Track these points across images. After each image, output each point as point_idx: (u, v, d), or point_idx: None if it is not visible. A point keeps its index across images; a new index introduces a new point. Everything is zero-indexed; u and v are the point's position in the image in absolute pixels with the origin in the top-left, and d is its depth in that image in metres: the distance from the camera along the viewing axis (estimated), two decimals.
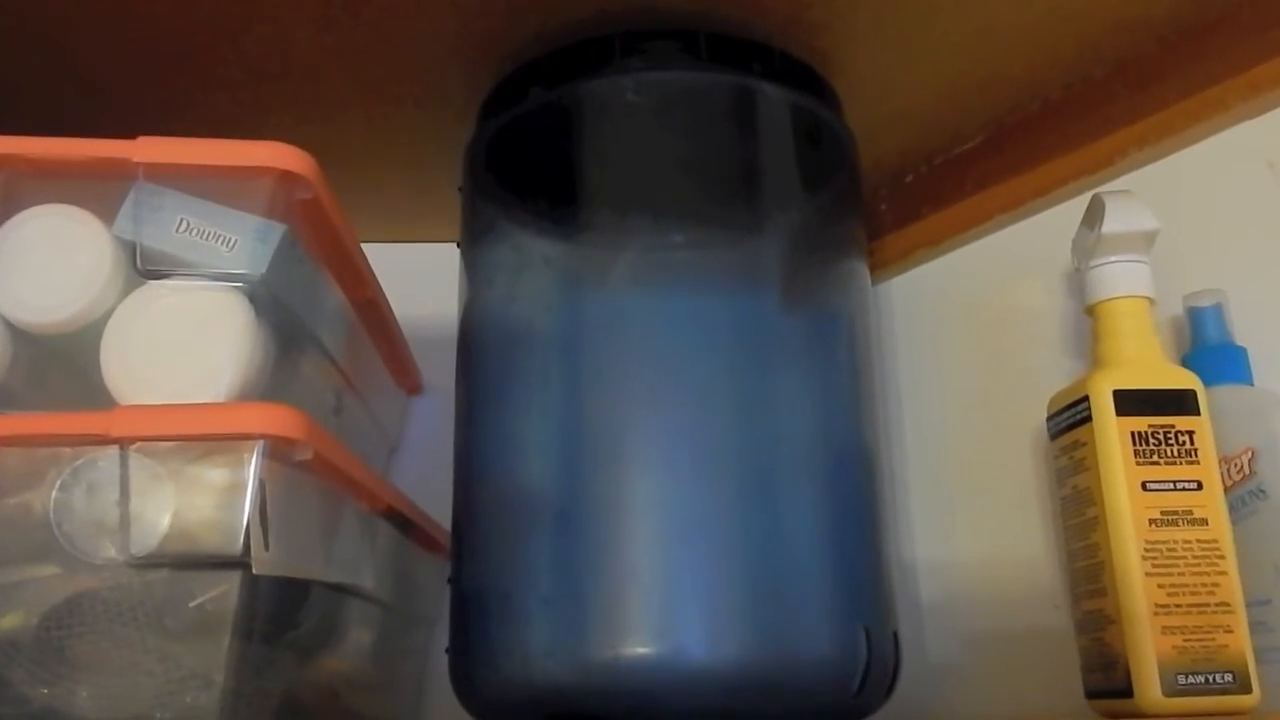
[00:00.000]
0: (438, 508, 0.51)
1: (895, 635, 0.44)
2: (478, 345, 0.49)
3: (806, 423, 0.45)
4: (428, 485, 0.52)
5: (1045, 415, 0.45)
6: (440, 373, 0.55)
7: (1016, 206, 0.56)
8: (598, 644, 0.41)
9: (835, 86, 0.52)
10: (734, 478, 0.43)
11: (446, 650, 0.46)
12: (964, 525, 0.57)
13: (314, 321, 0.47)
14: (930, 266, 0.61)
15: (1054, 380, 0.45)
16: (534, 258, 0.49)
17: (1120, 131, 0.51)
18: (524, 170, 0.50)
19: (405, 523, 0.51)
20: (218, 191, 0.39)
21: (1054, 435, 0.43)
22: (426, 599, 0.57)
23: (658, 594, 0.41)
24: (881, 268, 0.63)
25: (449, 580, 0.47)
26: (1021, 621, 0.52)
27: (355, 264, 0.49)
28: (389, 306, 0.55)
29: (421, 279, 0.57)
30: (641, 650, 0.41)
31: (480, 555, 0.46)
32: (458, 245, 0.52)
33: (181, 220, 0.39)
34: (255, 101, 0.53)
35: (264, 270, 0.38)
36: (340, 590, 0.46)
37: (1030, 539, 0.51)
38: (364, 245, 0.49)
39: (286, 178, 0.39)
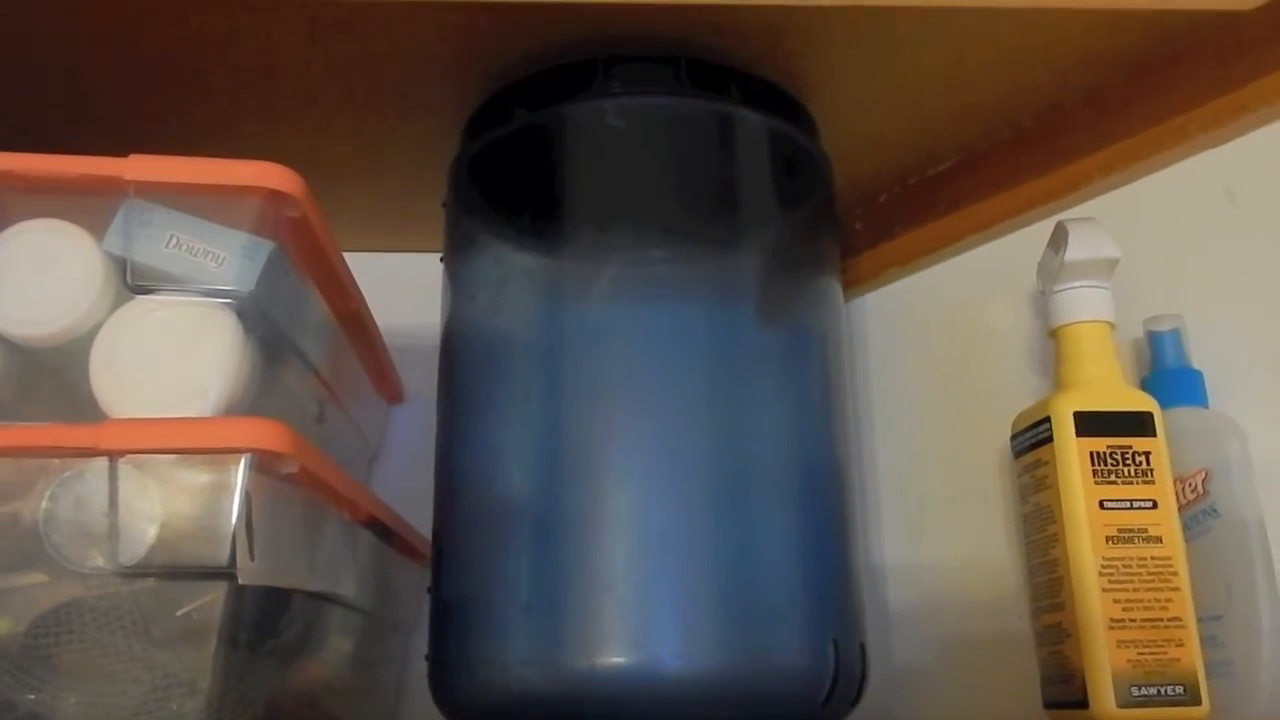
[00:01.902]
0: (418, 515, 0.52)
1: (862, 647, 0.45)
2: (459, 356, 0.50)
3: (780, 436, 0.46)
4: (408, 493, 0.52)
5: (1010, 433, 0.46)
6: (421, 381, 0.56)
7: (986, 228, 0.57)
8: (574, 653, 0.42)
9: (812, 112, 0.54)
10: (709, 490, 0.44)
11: (426, 657, 0.47)
12: (932, 535, 0.58)
13: (298, 334, 0.48)
14: (902, 284, 0.63)
15: (1020, 397, 0.47)
16: (516, 272, 0.50)
17: (1086, 158, 0.52)
18: (507, 188, 0.52)
19: (385, 531, 0.52)
20: (207, 209, 0.40)
21: (1017, 454, 0.44)
22: (406, 606, 0.58)
23: (633, 604, 0.42)
24: (855, 284, 0.65)
25: (428, 589, 0.47)
26: (988, 629, 0.53)
27: (340, 278, 0.49)
28: (371, 316, 0.56)
29: (404, 288, 0.58)
30: (616, 660, 0.42)
31: (460, 564, 0.47)
32: (441, 259, 0.53)
33: (171, 236, 0.40)
34: (242, 113, 0.54)
35: (252, 286, 0.39)
36: (322, 598, 0.46)
37: (996, 549, 0.52)
38: (348, 254, 0.50)
39: (275, 196, 0.40)
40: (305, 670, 0.47)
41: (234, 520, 0.36)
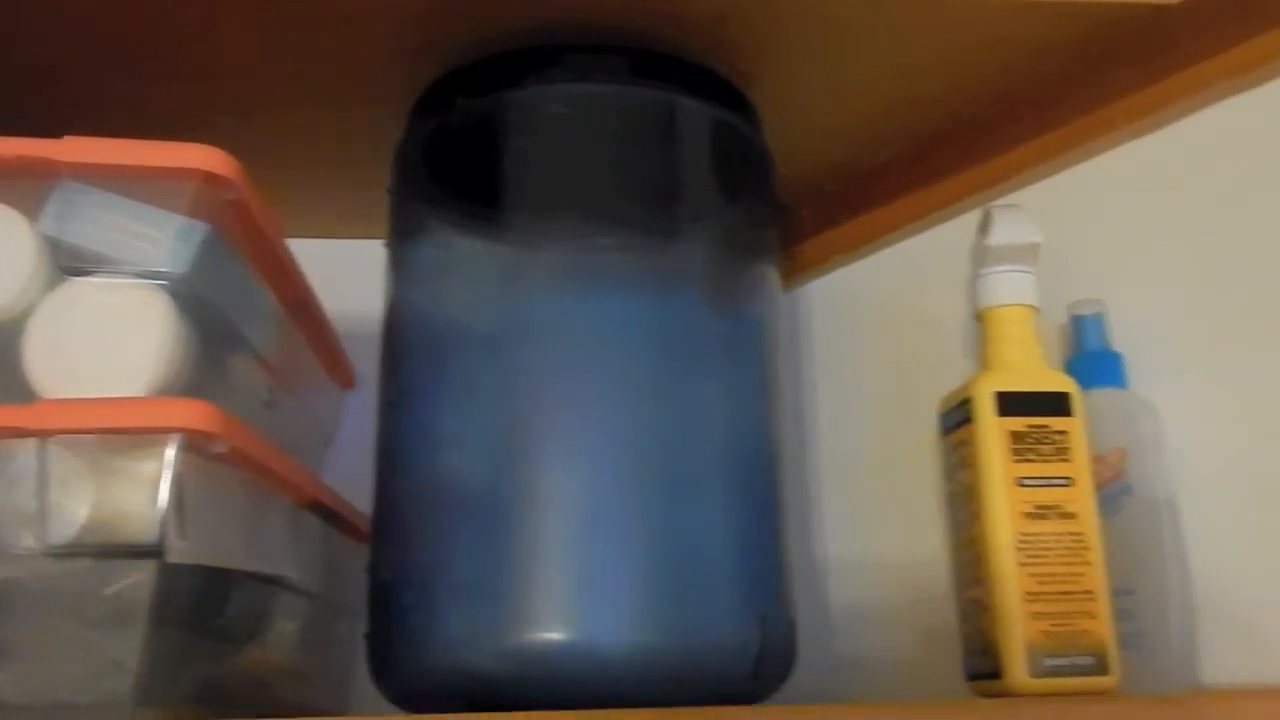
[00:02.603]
0: (371, 500, 0.52)
1: (792, 623, 0.46)
2: (402, 341, 0.51)
3: (716, 421, 0.47)
4: (362, 477, 0.53)
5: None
6: (374, 367, 0.57)
7: (925, 216, 0.58)
8: (510, 631, 0.43)
9: (756, 103, 0.55)
10: (644, 473, 0.45)
11: (364, 636, 0.47)
12: (873, 520, 0.60)
13: (241, 319, 0.48)
14: (846, 272, 0.64)
15: (958, 382, 0.48)
16: (458, 258, 0.51)
17: (1021, 148, 0.54)
18: (452, 173, 0.52)
19: (332, 515, 0.53)
20: (142, 191, 0.40)
21: (943, 434, 0.46)
22: (355, 589, 0.58)
23: (567, 583, 0.43)
24: (801, 272, 0.66)
25: (367, 569, 0.48)
26: (925, 614, 0.54)
27: (284, 263, 0.50)
28: (319, 303, 0.56)
29: (356, 275, 0.58)
30: (551, 637, 0.43)
31: (398, 545, 0.47)
32: (385, 245, 0.54)
33: (106, 218, 0.40)
34: (187, 99, 0.54)
35: (186, 269, 0.40)
36: (266, 581, 0.47)
37: (935, 536, 0.53)
38: (298, 241, 0.50)
39: (211, 179, 0.40)
40: (250, 653, 0.47)
41: (164, 499, 0.36)
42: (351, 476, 0.55)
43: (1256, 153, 0.45)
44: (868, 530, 0.60)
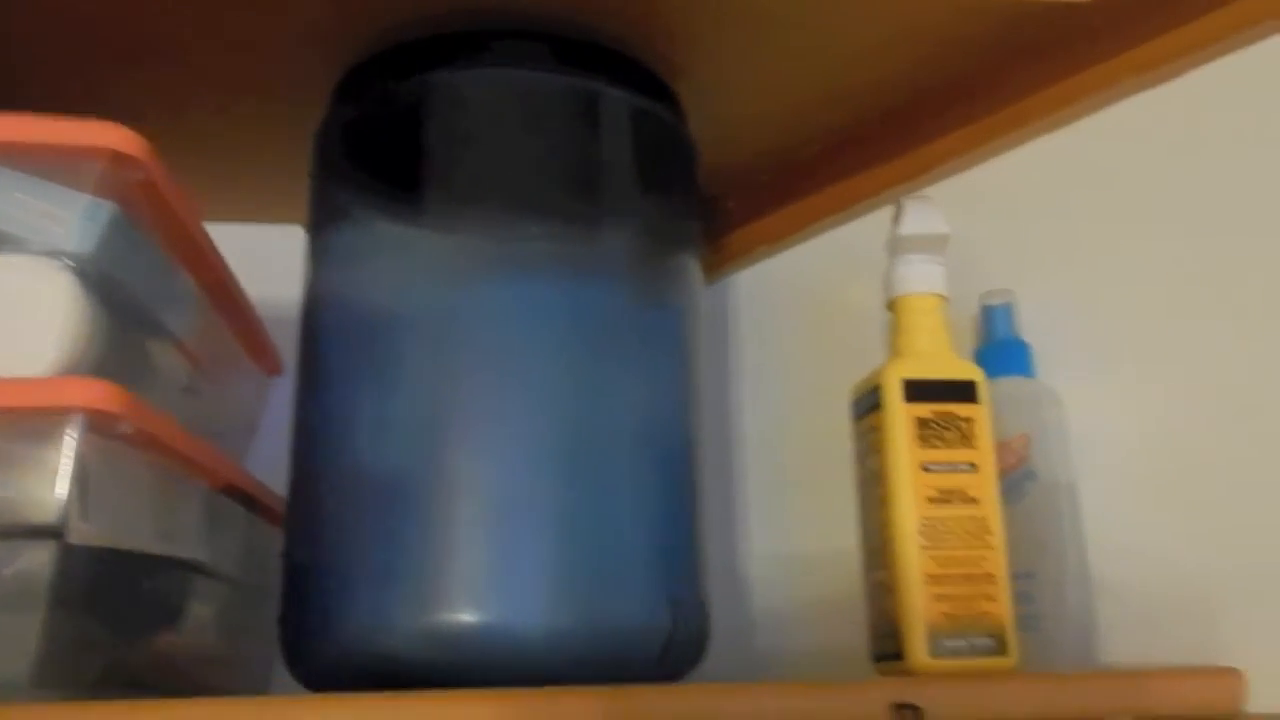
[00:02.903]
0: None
1: (704, 608, 0.47)
2: (320, 326, 0.51)
3: (633, 409, 0.47)
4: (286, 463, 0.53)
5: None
6: None
7: (849, 207, 0.59)
8: (423, 613, 0.43)
9: (681, 93, 0.55)
10: (560, 458, 0.45)
11: (278, 621, 0.47)
12: (795, 508, 0.60)
13: (156, 302, 0.48)
14: (772, 263, 0.65)
15: None
16: (378, 243, 0.51)
17: (940, 141, 0.55)
18: (372, 158, 0.52)
19: (252, 500, 0.52)
20: (49, 169, 0.40)
21: (855, 420, 0.46)
22: (277, 575, 0.58)
23: (479, 566, 0.44)
24: (727, 262, 0.66)
25: (281, 553, 0.48)
26: (847, 605, 0.55)
27: (201, 247, 0.49)
28: (241, 288, 0.56)
29: (280, 260, 0.58)
30: (464, 619, 0.43)
31: (312, 528, 0.47)
32: (305, 229, 0.54)
33: (8, 196, 0.39)
34: (103, 81, 0.53)
35: (92, 248, 0.39)
36: (179, 565, 0.47)
37: (854, 523, 0.54)
38: (221, 225, 0.50)
39: (118, 158, 0.40)
40: (161, 637, 0.47)
41: (65, 480, 0.36)
42: (279, 462, 0.54)
43: (1165, 149, 0.47)
44: (792, 520, 0.61)
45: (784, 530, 0.61)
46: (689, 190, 0.56)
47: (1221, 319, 0.44)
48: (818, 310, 0.61)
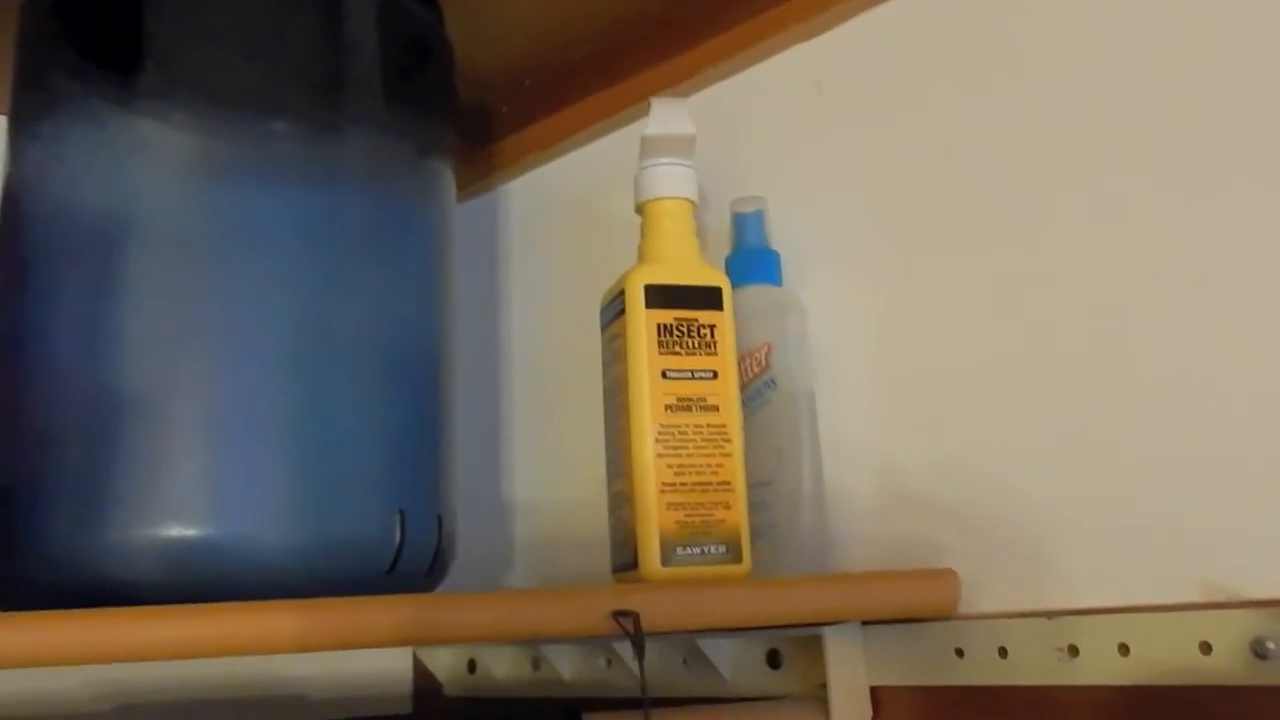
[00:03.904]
0: None
1: (441, 521, 0.45)
2: (21, 224, 0.45)
3: (366, 318, 0.45)
4: None
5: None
6: None
7: (613, 114, 0.57)
8: (136, 528, 0.40)
9: None
10: (284, 367, 0.42)
11: None
12: (563, 429, 0.59)
13: None
14: (543, 171, 0.62)
15: None
16: (88, 133, 0.45)
17: (700, 47, 0.53)
18: (84, 34, 0.46)
19: None
20: None
21: (602, 329, 0.45)
22: None
23: (198, 478, 0.41)
24: (499, 170, 0.64)
25: None
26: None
27: None
28: None
29: None
30: (182, 533, 0.40)
31: (12, 442, 0.43)
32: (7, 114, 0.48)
33: None
34: None
35: None
36: None
37: None
38: None
39: None
40: None
41: None
42: None
43: (917, 59, 0.46)
44: (558, 437, 0.59)
45: (550, 448, 0.60)
46: (444, 93, 0.52)
47: (953, 233, 0.44)
48: (585, 221, 0.59)
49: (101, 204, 0.44)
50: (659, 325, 0.42)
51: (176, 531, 0.40)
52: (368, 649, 0.55)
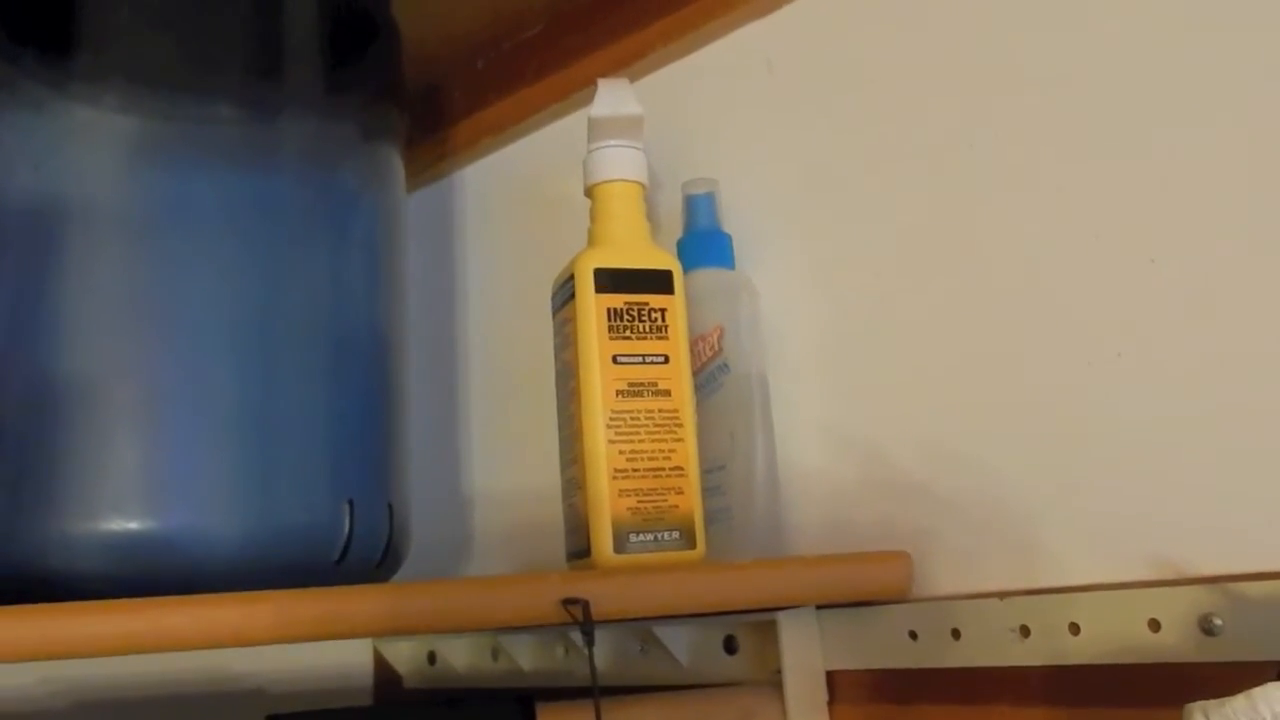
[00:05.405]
0: None
1: (391, 509, 0.44)
2: None
3: (310, 305, 0.44)
4: None
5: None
6: None
7: (567, 96, 0.57)
8: (80, 519, 0.40)
9: None
10: (225, 351, 0.42)
11: None
12: (519, 417, 0.58)
13: None
14: (496, 156, 0.61)
15: None
16: (22, 114, 0.44)
17: (649, 28, 0.53)
18: (15, 12, 0.45)
19: None
20: None
21: (553, 313, 0.44)
22: None
23: (141, 468, 0.40)
24: (453, 155, 0.63)
25: None
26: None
27: None
28: None
29: None
30: (125, 524, 0.40)
31: None
32: None
33: None
34: None
35: None
36: None
37: None
38: None
39: None
40: None
41: None
42: None
43: (868, 36, 0.46)
44: (514, 425, 0.59)
45: (508, 436, 0.59)
46: (390, 74, 0.51)
47: (907, 212, 0.44)
48: (541, 206, 0.59)
49: (36, 188, 0.43)
50: (609, 310, 0.41)
51: (118, 524, 0.40)
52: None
